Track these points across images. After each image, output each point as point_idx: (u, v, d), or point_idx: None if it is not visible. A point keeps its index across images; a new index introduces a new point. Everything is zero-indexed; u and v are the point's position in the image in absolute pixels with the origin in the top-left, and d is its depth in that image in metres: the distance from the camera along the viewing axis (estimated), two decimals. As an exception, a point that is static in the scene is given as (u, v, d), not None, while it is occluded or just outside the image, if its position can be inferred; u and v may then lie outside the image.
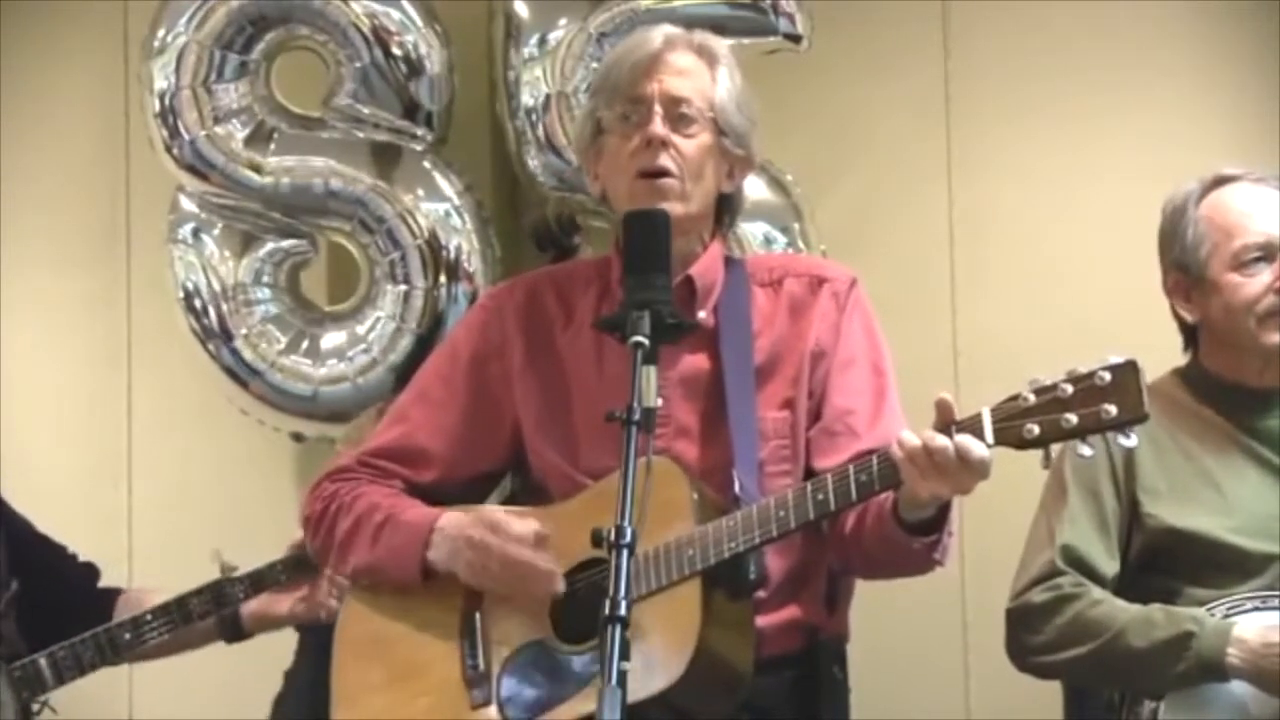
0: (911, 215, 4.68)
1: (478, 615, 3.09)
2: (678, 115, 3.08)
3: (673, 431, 3.06)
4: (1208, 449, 3.41)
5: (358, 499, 3.17)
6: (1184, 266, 3.44)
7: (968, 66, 4.66)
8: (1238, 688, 3.21)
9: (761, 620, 2.98)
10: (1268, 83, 4.46)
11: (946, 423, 2.82)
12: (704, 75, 3.13)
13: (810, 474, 3.07)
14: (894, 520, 2.91)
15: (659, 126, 3.05)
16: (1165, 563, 3.35)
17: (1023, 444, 2.77)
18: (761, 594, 2.98)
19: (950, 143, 4.67)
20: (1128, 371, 2.75)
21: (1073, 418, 2.74)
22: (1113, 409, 2.73)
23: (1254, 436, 3.41)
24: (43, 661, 3.73)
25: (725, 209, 3.19)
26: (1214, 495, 3.37)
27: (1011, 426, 2.78)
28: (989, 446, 2.78)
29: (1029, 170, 4.62)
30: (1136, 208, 4.33)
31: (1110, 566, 3.36)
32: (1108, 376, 2.75)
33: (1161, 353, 3.56)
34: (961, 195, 4.66)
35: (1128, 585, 3.35)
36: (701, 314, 3.10)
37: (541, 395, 3.16)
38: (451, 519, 3.09)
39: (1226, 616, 3.24)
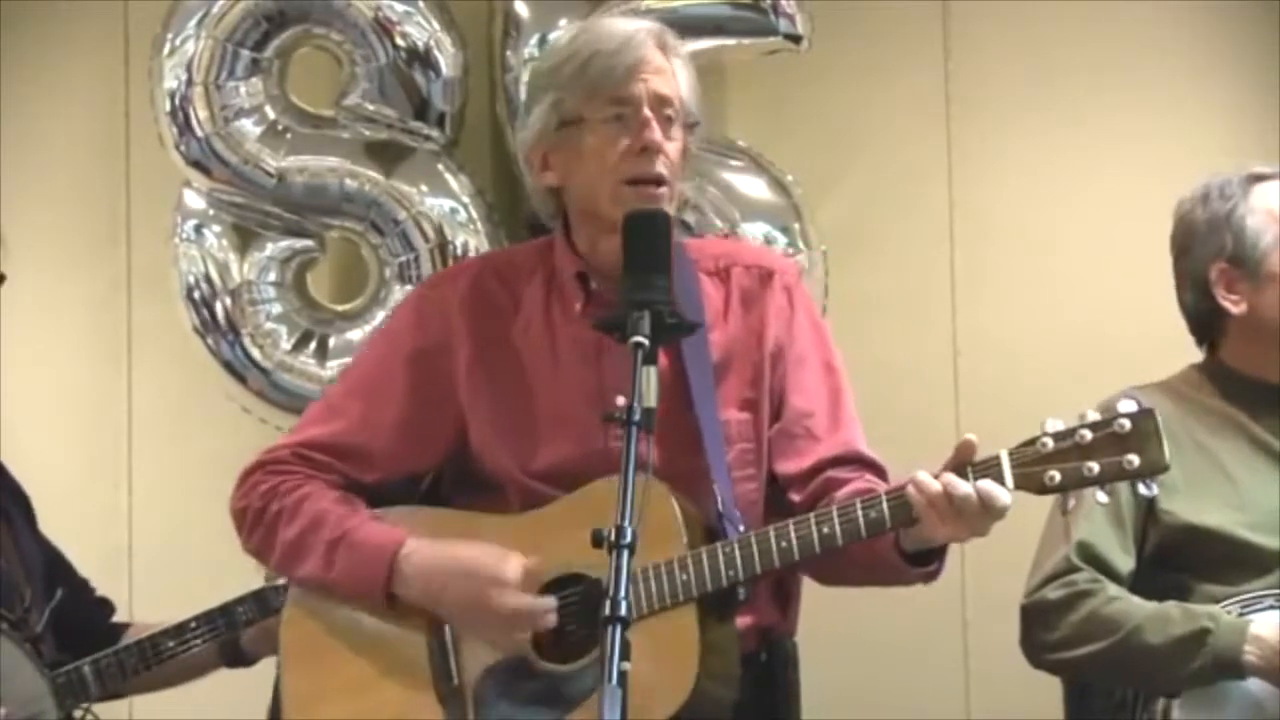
0: (911, 215, 4.68)
1: (447, 627, 3.00)
2: (664, 117, 3.02)
3: None
4: (1224, 445, 3.40)
5: (302, 502, 3.05)
6: (1237, 257, 3.41)
7: (968, 66, 4.66)
8: (1254, 686, 3.21)
9: None
10: (1267, 82, 4.46)
11: (963, 463, 2.80)
12: (672, 72, 3.07)
13: (772, 477, 3.05)
14: (896, 549, 2.89)
15: (658, 133, 3.00)
16: (1180, 559, 3.35)
17: (1043, 490, 2.77)
18: None
19: (950, 143, 4.67)
20: (1147, 420, 2.76)
21: (1095, 466, 2.75)
22: (1135, 459, 2.74)
23: (1272, 433, 3.40)
24: (87, 669, 3.68)
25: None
26: (1230, 491, 3.36)
27: (1032, 472, 2.77)
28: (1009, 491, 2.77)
29: (1030, 170, 4.62)
30: (1137, 207, 4.35)
31: (1126, 563, 3.36)
32: (1127, 424, 2.75)
33: (1161, 352, 3.56)
34: (961, 195, 4.66)
35: (1143, 581, 3.35)
36: None
37: (493, 396, 3.07)
38: (419, 550, 2.98)
39: (1242, 614, 3.24)
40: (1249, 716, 3.21)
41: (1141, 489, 2.79)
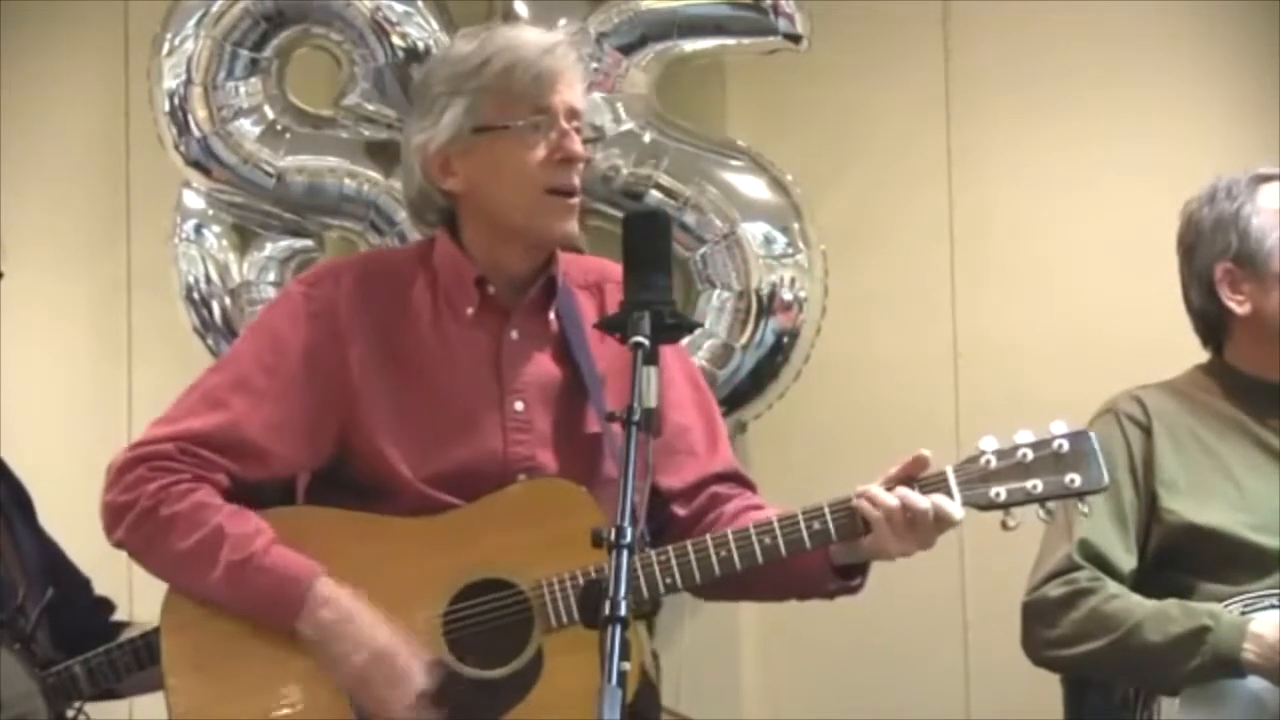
0: (911, 215, 4.68)
1: None
2: (574, 129, 3.00)
3: (535, 439, 2.98)
4: (1228, 445, 3.41)
5: (199, 511, 2.95)
6: (1242, 256, 3.40)
7: (968, 67, 4.67)
8: (1254, 684, 3.21)
9: None
10: (1268, 83, 4.46)
11: (909, 478, 2.84)
12: (581, 82, 3.05)
13: (655, 492, 2.99)
14: (827, 561, 2.90)
15: (579, 145, 2.98)
16: (1183, 559, 3.35)
17: (989, 506, 2.85)
18: None
19: (950, 143, 4.67)
20: (1083, 441, 2.85)
21: (1039, 484, 2.85)
22: (1077, 479, 2.84)
23: (1276, 433, 3.40)
24: (78, 669, 3.66)
25: None
26: (1232, 491, 3.37)
27: (977, 490, 2.84)
28: None
29: (1029, 170, 4.62)
30: (1136, 207, 4.35)
31: (1128, 562, 3.36)
32: (1066, 445, 2.85)
33: (1160, 351, 3.57)
34: (961, 195, 4.66)
35: (1145, 581, 3.35)
36: (551, 315, 3.04)
37: (387, 395, 2.99)
38: (331, 597, 2.88)
39: (1244, 614, 3.24)
40: (1249, 714, 3.21)
41: (1080, 507, 2.90)
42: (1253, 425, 3.42)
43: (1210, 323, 3.47)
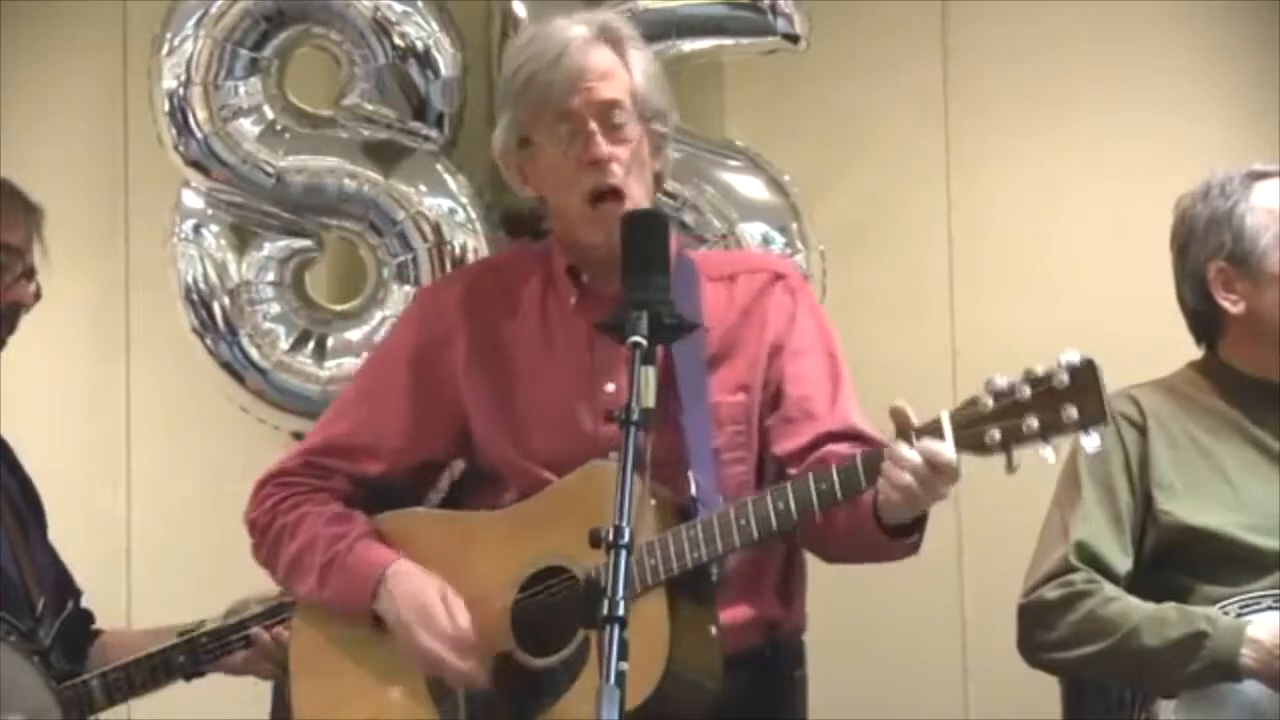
0: (911, 215, 4.68)
1: None
2: (610, 122, 3.04)
3: None
4: (1223, 444, 3.40)
5: (301, 522, 3.16)
6: (1236, 256, 3.39)
7: (967, 67, 4.67)
8: (1251, 688, 3.21)
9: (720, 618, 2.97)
10: (1268, 82, 4.46)
11: (904, 429, 2.83)
12: (621, 68, 3.08)
13: (774, 460, 3.08)
14: (875, 523, 2.91)
15: (603, 146, 3.02)
16: (1179, 560, 3.35)
17: (984, 449, 2.77)
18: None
19: (950, 143, 4.67)
20: (1087, 371, 2.74)
21: (1034, 422, 2.74)
22: (1074, 411, 2.72)
23: (1271, 433, 3.40)
24: (94, 682, 3.67)
25: (656, 183, 3.19)
26: (1228, 491, 3.36)
27: (972, 432, 2.78)
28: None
29: (1028, 170, 4.62)
30: (1136, 207, 4.35)
31: (1124, 563, 3.36)
32: (1066, 378, 2.74)
33: (1159, 351, 3.56)
34: (961, 195, 4.66)
35: (1141, 582, 3.35)
36: None
37: (491, 387, 3.15)
38: (399, 575, 3.09)
39: (1240, 615, 3.24)
40: (1245, 717, 3.21)
41: (1085, 440, 2.74)
42: (1248, 425, 3.41)
43: (1204, 321, 3.46)
